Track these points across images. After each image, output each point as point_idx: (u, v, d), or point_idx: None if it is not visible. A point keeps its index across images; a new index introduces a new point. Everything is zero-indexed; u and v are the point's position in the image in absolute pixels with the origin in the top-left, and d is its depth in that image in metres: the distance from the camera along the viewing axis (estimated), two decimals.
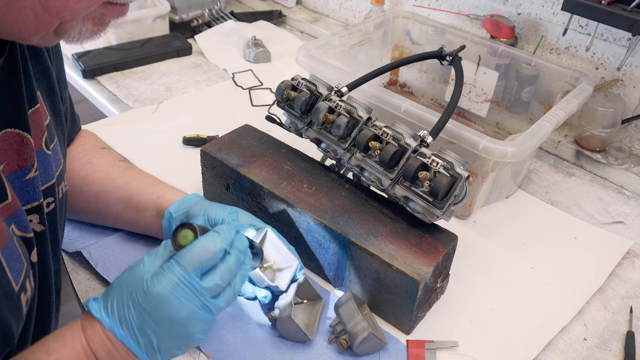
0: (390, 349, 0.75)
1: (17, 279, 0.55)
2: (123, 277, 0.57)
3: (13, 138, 0.58)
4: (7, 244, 0.53)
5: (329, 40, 1.13)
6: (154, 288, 0.54)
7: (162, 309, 0.54)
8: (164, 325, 0.55)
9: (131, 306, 0.55)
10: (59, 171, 0.68)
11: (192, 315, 0.56)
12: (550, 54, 1.26)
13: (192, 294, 0.55)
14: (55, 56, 0.71)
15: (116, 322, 0.55)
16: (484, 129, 1.22)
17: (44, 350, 0.54)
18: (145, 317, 0.54)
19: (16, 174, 0.59)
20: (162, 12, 1.55)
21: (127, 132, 1.17)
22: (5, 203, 0.55)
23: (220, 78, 1.42)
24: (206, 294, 0.56)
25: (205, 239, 0.58)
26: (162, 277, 0.55)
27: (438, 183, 0.74)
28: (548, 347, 0.78)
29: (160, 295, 0.54)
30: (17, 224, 0.57)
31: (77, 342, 0.55)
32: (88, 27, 0.53)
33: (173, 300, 0.55)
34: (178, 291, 0.55)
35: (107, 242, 0.87)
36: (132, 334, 0.55)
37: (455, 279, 0.85)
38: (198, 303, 0.56)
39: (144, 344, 0.55)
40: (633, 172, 1.10)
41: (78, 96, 1.08)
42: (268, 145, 0.93)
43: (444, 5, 1.43)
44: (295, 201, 0.81)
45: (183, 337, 0.56)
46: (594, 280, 0.89)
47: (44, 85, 0.66)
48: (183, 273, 0.55)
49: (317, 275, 0.86)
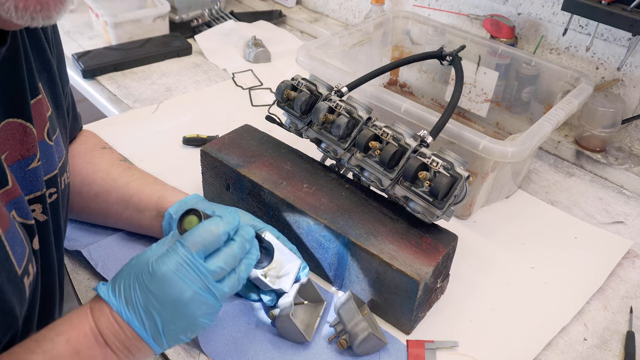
0: (390, 349, 0.75)
1: (19, 263, 0.56)
2: (131, 263, 0.58)
3: (16, 128, 0.59)
4: (9, 227, 0.54)
5: (329, 40, 1.13)
6: (158, 269, 0.55)
7: (166, 289, 0.55)
8: (168, 307, 0.55)
9: (137, 287, 0.56)
10: (61, 162, 0.69)
11: (195, 297, 0.56)
12: (550, 54, 1.26)
13: (195, 275, 0.56)
14: (56, 50, 0.72)
15: (123, 304, 0.56)
16: (484, 129, 1.22)
17: (53, 332, 0.55)
18: (150, 298, 0.55)
19: (19, 163, 0.60)
20: (162, 12, 1.55)
21: (127, 132, 1.17)
22: (6, 189, 0.56)
23: (220, 78, 1.42)
24: (210, 276, 0.57)
25: (208, 222, 0.58)
26: (167, 258, 0.56)
27: (438, 183, 0.74)
28: (548, 347, 0.78)
29: (165, 276, 0.55)
30: (17, 210, 0.58)
31: (86, 324, 0.56)
32: None
33: (177, 281, 0.55)
34: (182, 271, 0.55)
35: (107, 242, 0.87)
36: (138, 315, 0.55)
37: (455, 279, 0.85)
38: (201, 285, 0.56)
39: (149, 326, 0.56)
40: (633, 172, 1.10)
41: (78, 96, 1.08)
42: (268, 145, 0.93)
43: (444, 5, 1.43)
44: (295, 201, 0.81)
45: (187, 320, 0.57)
46: (594, 280, 0.89)
47: (45, 78, 0.67)
48: (187, 254, 0.56)
49: (317, 275, 0.86)
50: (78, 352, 0.54)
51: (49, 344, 0.53)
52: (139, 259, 0.58)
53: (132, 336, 0.56)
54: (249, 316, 0.78)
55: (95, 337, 0.56)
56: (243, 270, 0.61)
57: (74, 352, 0.54)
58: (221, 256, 0.58)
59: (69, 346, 0.54)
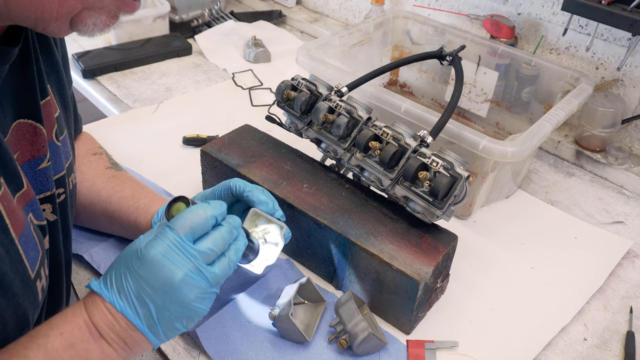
0: (390, 349, 0.75)
1: (32, 266, 0.56)
2: (121, 255, 0.57)
3: (26, 128, 0.60)
4: (23, 231, 0.54)
5: (329, 40, 1.13)
6: (147, 253, 0.54)
7: (156, 272, 0.54)
8: (159, 292, 0.55)
9: (127, 275, 0.55)
10: (68, 163, 0.70)
11: (186, 280, 0.55)
12: (550, 54, 1.26)
13: (184, 257, 0.55)
14: (61, 52, 0.73)
15: (115, 293, 0.55)
16: (484, 129, 1.22)
17: (47, 326, 0.54)
18: (141, 284, 0.54)
19: (29, 163, 0.61)
20: (162, 12, 1.55)
21: (127, 132, 1.17)
22: (22, 192, 0.57)
23: (220, 78, 1.42)
24: (199, 258, 0.56)
25: (196, 207, 0.58)
26: (155, 242, 0.55)
27: (438, 183, 0.74)
28: (548, 347, 0.78)
29: (154, 259, 0.54)
30: (33, 213, 0.59)
31: (80, 317, 0.55)
32: (102, 19, 0.54)
33: (166, 263, 0.54)
34: (171, 254, 0.55)
35: (109, 245, 0.87)
36: (131, 303, 0.55)
37: (455, 279, 0.85)
38: (191, 267, 0.55)
39: (143, 314, 0.55)
40: (633, 172, 1.10)
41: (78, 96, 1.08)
42: (268, 145, 0.93)
43: (444, 5, 1.43)
44: (295, 201, 0.81)
45: (180, 306, 0.56)
46: (594, 280, 0.89)
47: (53, 79, 0.68)
48: (175, 236, 0.55)
49: (317, 275, 0.86)
50: (72, 345, 0.54)
51: (43, 338, 0.53)
52: (129, 248, 0.57)
53: (127, 326, 0.55)
54: (249, 316, 0.78)
55: (89, 330, 0.55)
56: (233, 254, 0.60)
57: (68, 345, 0.53)
58: (210, 239, 0.57)
59: (63, 339, 0.53)
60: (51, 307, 0.68)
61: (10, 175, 0.55)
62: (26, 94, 0.60)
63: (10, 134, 0.58)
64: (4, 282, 0.51)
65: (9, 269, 0.52)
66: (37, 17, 0.51)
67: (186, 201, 0.59)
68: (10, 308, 0.52)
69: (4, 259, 0.51)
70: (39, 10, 0.50)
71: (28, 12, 0.50)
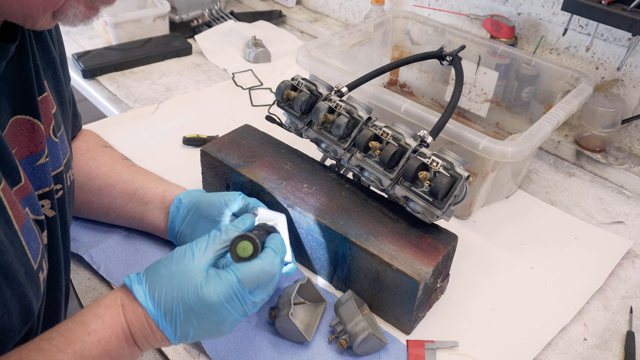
0: (390, 349, 0.75)
1: (35, 258, 0.56)
2: (171, 269, 0.59)
3: (24, 124, 0.61)
4: (24, 223, 0.55)
5: (329, 40, 1.13)
6: (209, 297, 0.57)
7: (211, 315, 0.58)
8: (205, 325, 0.58)
9: (181, 305, 0.57)
10: (65, 159, 0.70)
11: (235, 322, 0.60)
12: (550, 54, 1.26)
13: (240, 305, 0.59)
14: (58, 49, 0.73)
15: (161, 314, 0.57)
16: (484, 129, 1.22)
17: (84, 331, 0.55)
18: (191, 317, 0.57)
19: (28, 159, 0.61)
20: (162, 12, 1.55)
21: (127, 132, 1.17)
22: (20, 185, 0.57)
23: (220, 78, 1.42)
24: (252, 305, 0.60)
25: (266, 261, 0.61)
26: (219, 288, 0.58)
27: (438, 183, 0.74)
28: (548, 347, 0.78)
29: (215, 305, 0.57)
30: (30, 207, 0.59)
31: (118, 325, 0.57)
32: (81, 9, 0.54)
33: (223, 309, 0.58)
34: (231, 303, 0.58)
35: (108, 245, 0.87)
36: (174, 326, 0.57)
37: (455, 279, 0.86)
38: (242, 312, 0.60)
39: (180, 334, 0.58)
40: (633, 172, 1.10)
41: (78, 96, 1.08)
42: (268, 145, 0.93)
43: (444, 5, 1.43)
44: (295, 201, 0.81)
45: (215, 332, 0.60)
46: (594, 280, 0.89)
47: (50, 75, 0.68)
48: (240, 289, 0.59)
49: (317, 275, 0.86)
50: (108, 352, 0.56)
51: (80, 344, 0.54)
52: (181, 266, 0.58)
53: (161, 338, 0.58)
54: (249, 316, 0.78)
55: (125, 338, 0.57)
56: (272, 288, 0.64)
57: (104, 352, 0.55)
58: (266, 290, 0.62)
59: (100, 347, 0.55)
60: (50, 304, 0.68)
61: (8, 169, 0.55)
62: (23, 90, 0.60)
63: (8, 130, 0.58)
64: (10, 272, 0.51)
65: (14, 260, 0.52)
66: (25, 14, 0.51)
67: (252, 241, 0.61)
68: (16, 297, 0.53)
69: (9, 250, 0.51)
70: (24, 6, 0.50)
71: (15, 9, 0.50)
